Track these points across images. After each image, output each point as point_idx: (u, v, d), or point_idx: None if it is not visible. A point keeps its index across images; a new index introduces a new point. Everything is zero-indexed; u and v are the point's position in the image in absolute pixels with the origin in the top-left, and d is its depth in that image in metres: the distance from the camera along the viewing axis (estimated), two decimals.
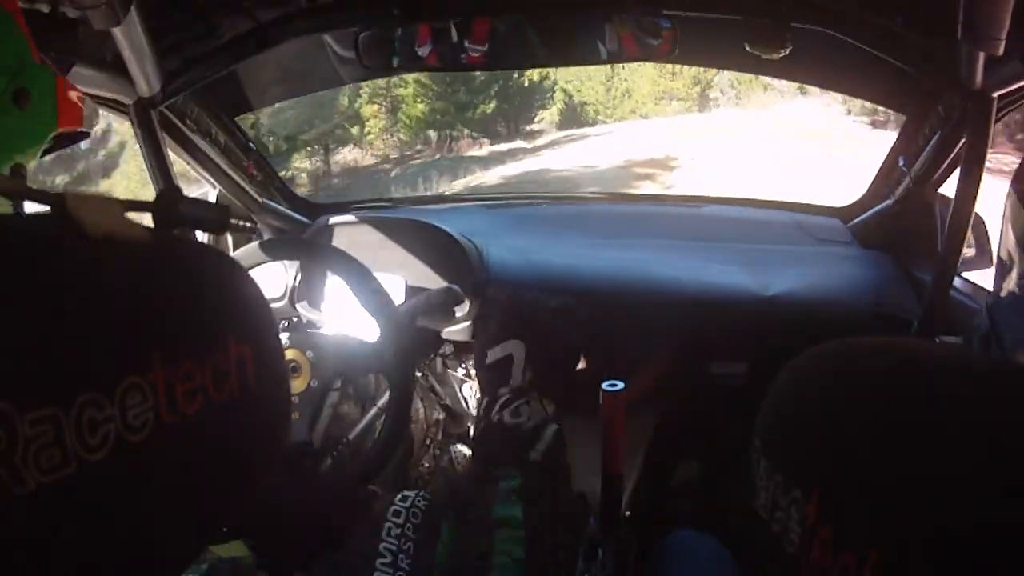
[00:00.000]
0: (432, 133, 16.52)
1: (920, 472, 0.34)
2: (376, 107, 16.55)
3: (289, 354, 1.13)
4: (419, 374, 1.38)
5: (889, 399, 0.38)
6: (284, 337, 1.13)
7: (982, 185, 1.13)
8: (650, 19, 1.19)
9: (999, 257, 0.84)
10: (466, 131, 16.52)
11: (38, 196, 0.43)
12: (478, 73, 11.56)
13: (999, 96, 1.06)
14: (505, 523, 0.78)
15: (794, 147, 12.11)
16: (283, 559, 0.79)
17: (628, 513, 1.37)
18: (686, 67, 15.43)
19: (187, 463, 0.39)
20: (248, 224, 1.64)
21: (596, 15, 1.20)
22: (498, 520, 0.78)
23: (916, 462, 0.35)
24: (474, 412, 1.49)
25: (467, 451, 1.51)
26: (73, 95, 0.65)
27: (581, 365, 1.44)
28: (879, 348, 0.42)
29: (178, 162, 1.40)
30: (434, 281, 1.31)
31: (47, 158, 0.66)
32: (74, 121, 0.65)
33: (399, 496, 0.96)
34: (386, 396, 1.12)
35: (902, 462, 0.35)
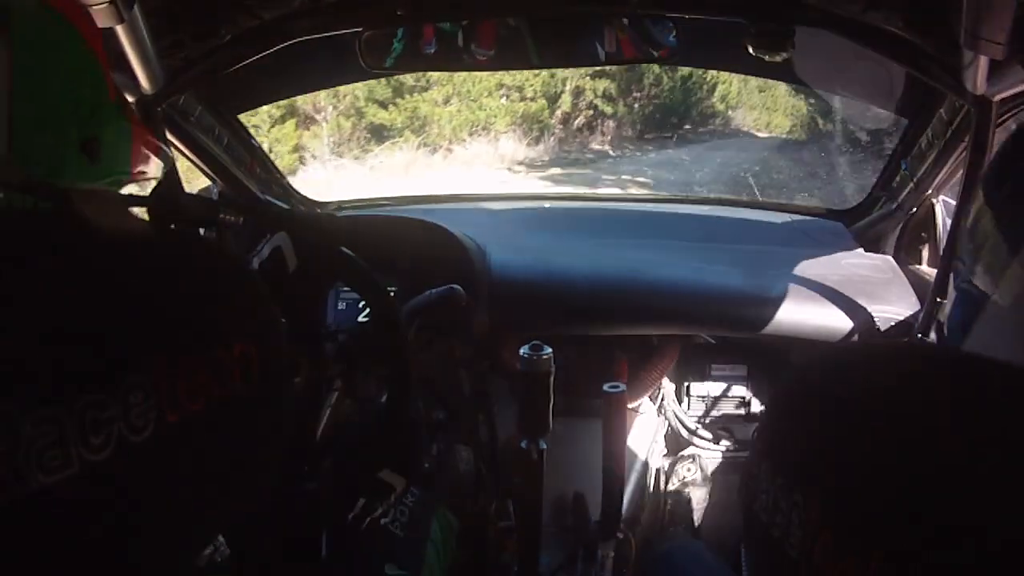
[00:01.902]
0: None
1: (921, 475, 0.34)
2: None
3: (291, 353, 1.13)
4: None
5: (890, 402, 0.38)
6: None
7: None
8: (649, 21, 1.19)
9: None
10: None
11: (42, 191, 0.43)
12: None
13: (1001, 100, 1.06)
14: None
15: None
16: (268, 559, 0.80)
17: (627, 515, 1.37)
18: None
19: (190, 461, 0.39)
20: (246, 218, 1.64)
21: (596, 17, 1.20)
22: None
23: (917, 465, 0.35)
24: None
25: (468, 451, 1.51)
26: (149, 140, 0.60)
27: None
28: (880, 352, 0.42)
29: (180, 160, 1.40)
30: (436, 281, 1.31)
31: None
32: (147, 170, 0.61)
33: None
34: (386, 395, 1.12)
35: (903, 465, 0.35)
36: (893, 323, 1.35)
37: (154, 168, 0.62)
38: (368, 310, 1.38)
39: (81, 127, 0.52)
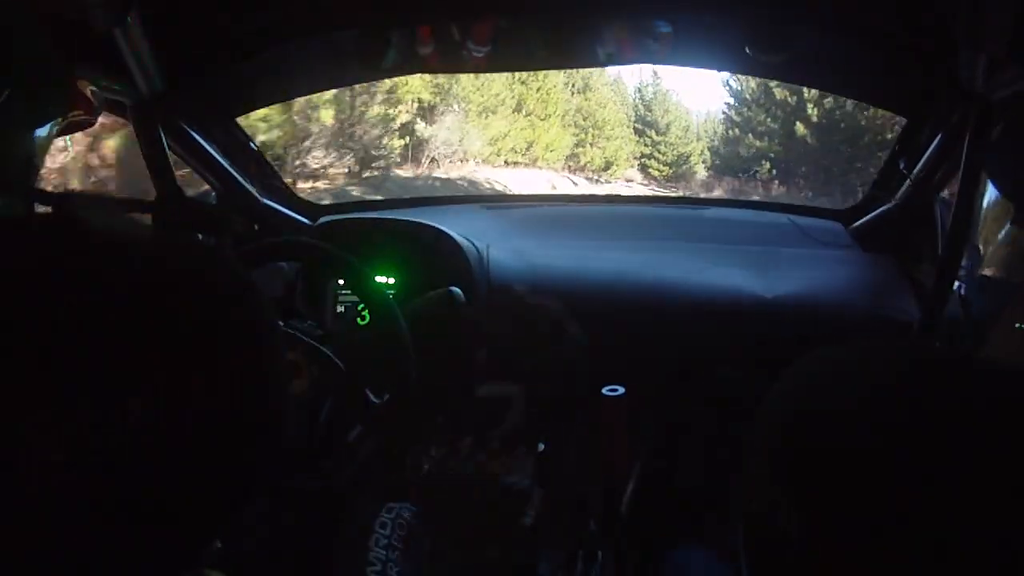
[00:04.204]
0: None
1: (921, 476, 0.34)
2: None
3: (289, 356, 1.13)
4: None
5: (888, 403, 0.38)
6: (285, 338, 1.13)
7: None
8: (649, 22, 1.19)
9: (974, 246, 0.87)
10: None
11: (41, 196, 0.43)
12: None
13: (1000, 100, 1.07)
14: None
15: None
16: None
17: (627, 516, 1.37)
18: None
19: (187, 466, 0.39)
20: (251, 225, 1.64)
21: (595, 17, 1.20)
22: None
23: (916, 465, 0.35)
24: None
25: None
26: (84, 85, 0.64)
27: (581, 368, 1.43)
28: (879, 352, 0.42)
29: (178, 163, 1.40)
30: (435, 283, 1.31)
31: None
32: (82, 109, 0.64)
33: (385, 508, 0.98)
34: (386, 398, 1.12)
35: (902, 466, 0.35)
36: (892, 323, 1.35)
37: (90, 113, 0.65)
38: (367, 313, 1.38)
39: (25, 71, 0.55)
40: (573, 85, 13.69)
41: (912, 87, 1.32)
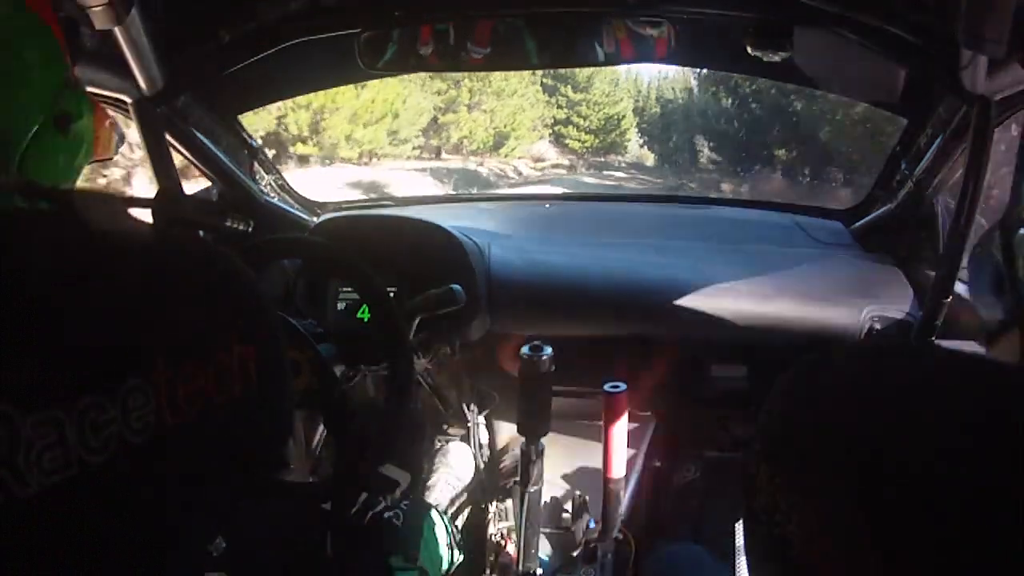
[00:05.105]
0: None
1: (919, 477, 0.34)
2: None
3: (290, 354, 1.13)
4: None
5: (887, 403, 0.38)
6: (285, 336, 1.13)
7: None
8: (648, 21, 1.19)
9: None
10: None
11: (44, 194, 0.43)
12: None
13: (1001, 100, 1.06)
14: None
15: None
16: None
17: (626, 516, 1.37)
18: None
19: (189, 464, 0.39)
20: (250, 223, 1.64)
21: (594, 16, 1.20)
22: None
23: (915, 467, 0.35)
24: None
25: (467, 449, 1.51)
26: (107, 123, 0.65)
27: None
28: (878, 352, 0.42)
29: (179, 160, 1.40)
30: (436, 281, 1.31)
31: None
32: (106, 150, 0.65)
33: (391, 503, 0.99)
34: (386, 396, 1.12)
35: (900, 467, 0.35)
36: (893, 323, 1.35)
37: (111, 151, 0.66)
38: (368, 311, 1.38)
39: (54, 100, 0.55)
40: None
41: (912, 87, 1.32)
